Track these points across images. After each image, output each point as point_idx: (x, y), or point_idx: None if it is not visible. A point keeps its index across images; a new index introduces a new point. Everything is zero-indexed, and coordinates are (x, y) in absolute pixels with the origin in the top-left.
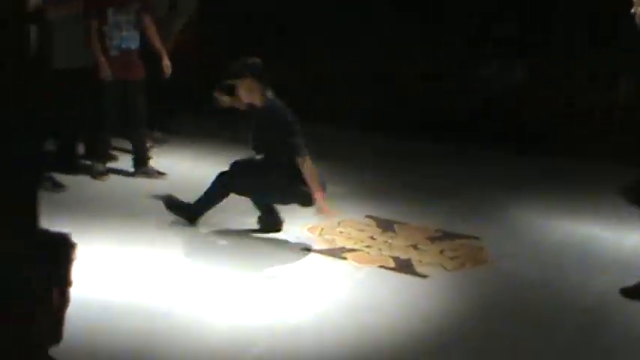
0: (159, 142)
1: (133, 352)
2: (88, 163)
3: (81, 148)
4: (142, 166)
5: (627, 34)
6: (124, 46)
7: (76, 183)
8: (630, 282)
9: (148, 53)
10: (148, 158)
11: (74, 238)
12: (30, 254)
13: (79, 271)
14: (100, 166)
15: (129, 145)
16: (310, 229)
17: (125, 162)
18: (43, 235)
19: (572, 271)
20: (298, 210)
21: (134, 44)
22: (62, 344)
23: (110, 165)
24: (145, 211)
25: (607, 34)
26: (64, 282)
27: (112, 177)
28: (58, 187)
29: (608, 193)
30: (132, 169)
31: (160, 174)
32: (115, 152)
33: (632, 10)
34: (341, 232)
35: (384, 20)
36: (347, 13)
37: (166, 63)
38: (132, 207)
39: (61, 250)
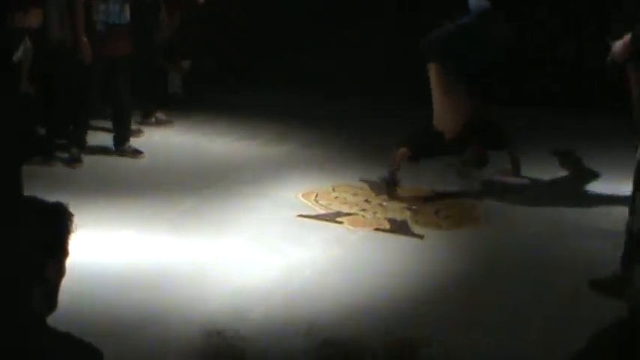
0: (163, 123)
1: (130, 320)
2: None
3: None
4: (120, 145)
5: None
6: (110, 21)
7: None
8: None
9: (139, 30)
10: (128, 137)
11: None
12: (26, 223)
13: (76, 242)
14: (75, 152)
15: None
16: (305, 195)
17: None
18: (41, 204)
19: (566, 231)
20: (292, 177)
21: (122, 19)
22: (57, 313)
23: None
24: (131, 188)
25: None
26: (60, 252)
27: (92, 157)
28: (75, 161)
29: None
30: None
31: (138, 152)
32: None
33: None
34: (336, 197)
35: None
36: None
37: None
38: (119, 186)
39: (59, 219)
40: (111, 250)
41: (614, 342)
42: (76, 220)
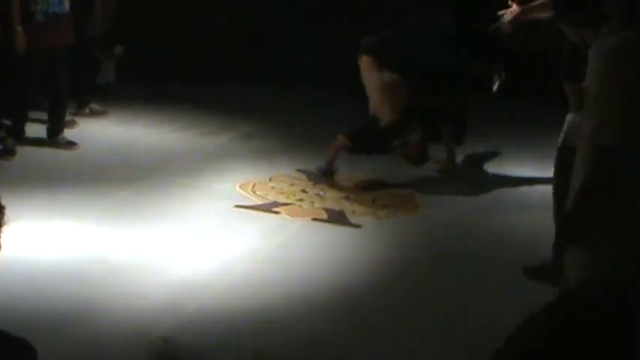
0: (97, 113)
1: (65, 315)
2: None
3: None
4: (54, 136)
5: None
6: (50, 10)
7: None
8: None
9: (77, 20)
10: (63, 129)
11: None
12: None
13: (8, 235)
14: (10, 143)
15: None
16: (242, 186)
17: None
18: None
19: (502, 219)
20: (230, 167)
21: (62, 8)
22: None
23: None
24: (66, 180)
25: None
26: None
27: (25, 149)
28: (9, 153)
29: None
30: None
31: (72, 144)
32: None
33: None
34: (273, 187)
35: None
36: None
37: None
38: (53, 178)
39: None
40: (44, 244)
41: (544, 328)
42: (8, 213)
